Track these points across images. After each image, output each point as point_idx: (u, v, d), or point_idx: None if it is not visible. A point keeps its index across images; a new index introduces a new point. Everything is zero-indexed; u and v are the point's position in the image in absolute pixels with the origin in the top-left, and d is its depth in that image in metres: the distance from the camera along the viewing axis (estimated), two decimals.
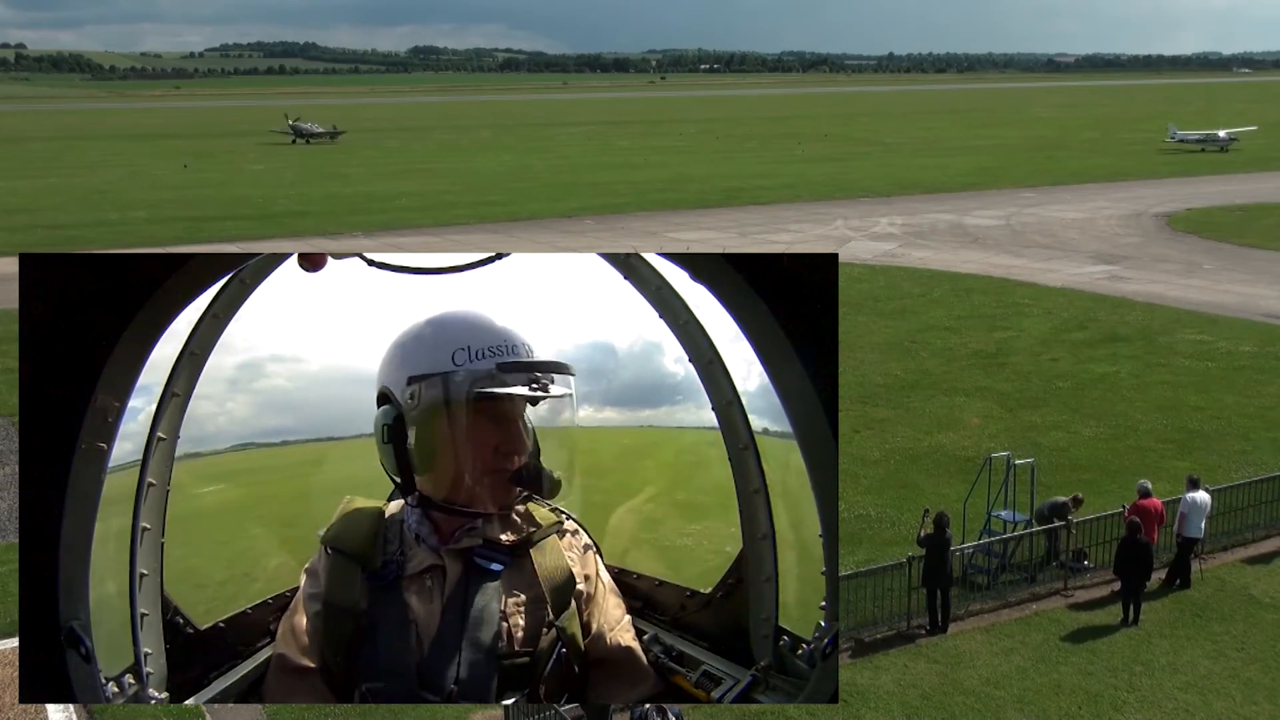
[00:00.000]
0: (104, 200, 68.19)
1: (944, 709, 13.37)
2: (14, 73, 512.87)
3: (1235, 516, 17.99)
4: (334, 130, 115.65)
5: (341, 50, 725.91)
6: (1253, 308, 34.94)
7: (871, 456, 21.93)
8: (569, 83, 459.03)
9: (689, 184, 74.01)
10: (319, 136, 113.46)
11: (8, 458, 22.32)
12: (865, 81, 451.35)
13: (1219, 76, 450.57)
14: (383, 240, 51.64)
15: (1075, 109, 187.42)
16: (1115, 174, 77.62)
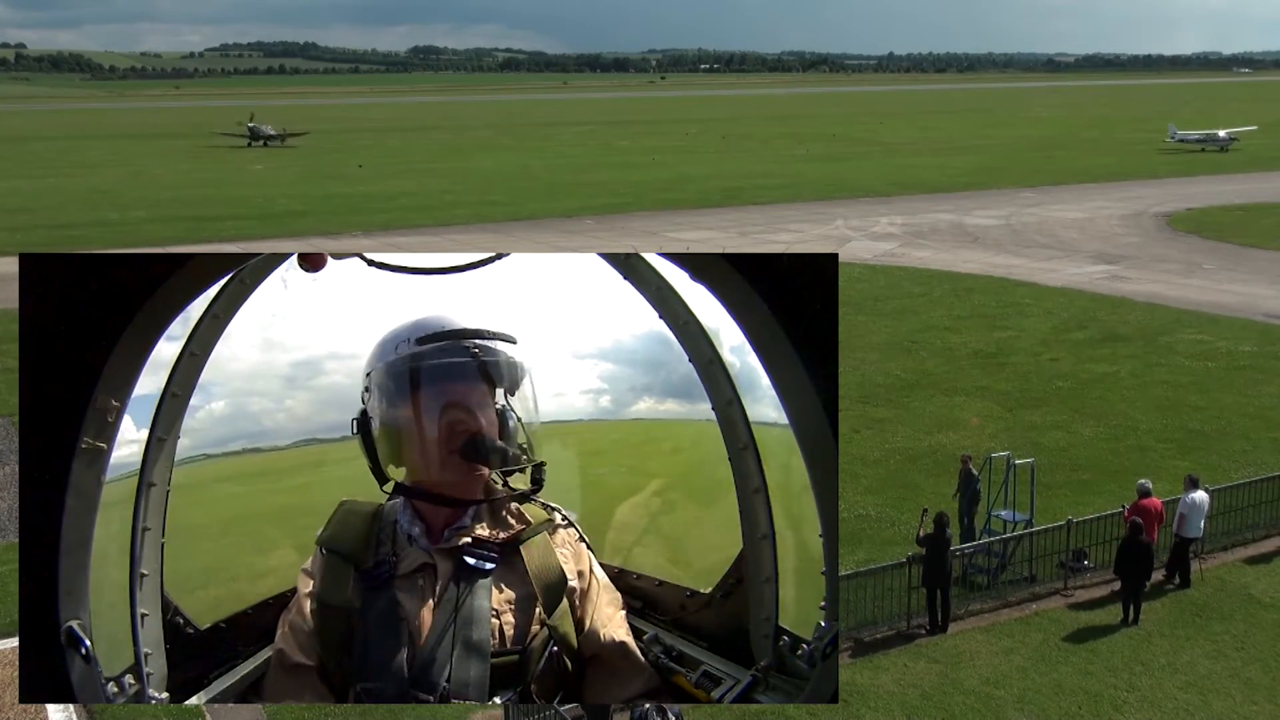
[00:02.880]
0: (104, 200, 68.19)
1: (944, 709, 13.37)
2: (14, 73, 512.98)
3: (1235, 516, 17.99)
4: (284, 133, 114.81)
5: (341, 50, 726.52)
6: (1253, 308, 34.93)
7: (871, 456, 21.93)
8: (569, 83, 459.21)
9: (689, 184, 74.01)
10: (274, 139, 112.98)
11: (8, 458, 22.32)
12: (865, 81, 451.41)
13: (1219, 76, 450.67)
14: (383, 240, 51.64)
15: (1075, 109, 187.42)
16: (1115, 174, 77.61)
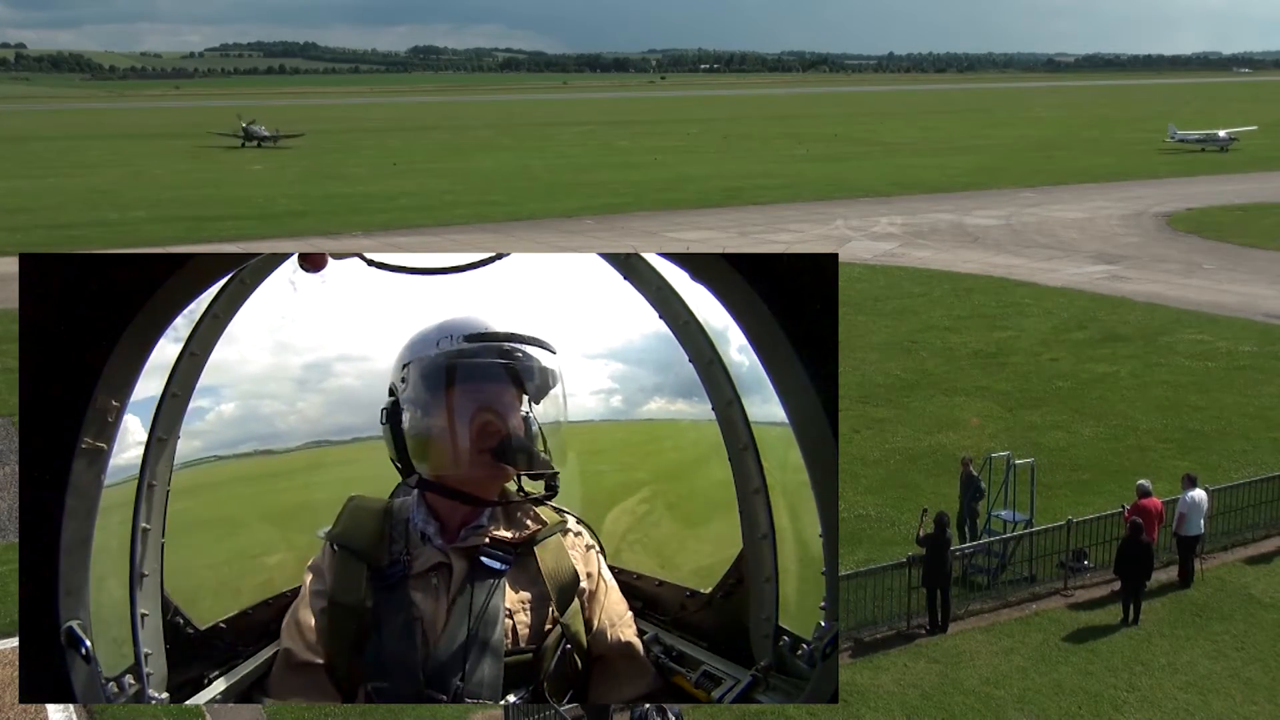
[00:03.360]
0: (104, 200, 68.17)
1: (944, 709, 13.37)
2: (14, 73, 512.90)
3: (1235, 516, 17.99)
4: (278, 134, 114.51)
5: (341, 50, 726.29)
6: (1253, 308, 34.94)
7: (871, 456, 21.93)
8: (569, 83, 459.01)
9: (689, 184, 74.00)
10: (268, 140, 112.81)
11: (8, 458, 22.31)
12: (865, 81, 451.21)
13: (1219, 76, 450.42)
14: (383, 240, 51.64)
15: (1075, 109, 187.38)
16: (1115, 174, 77.61)
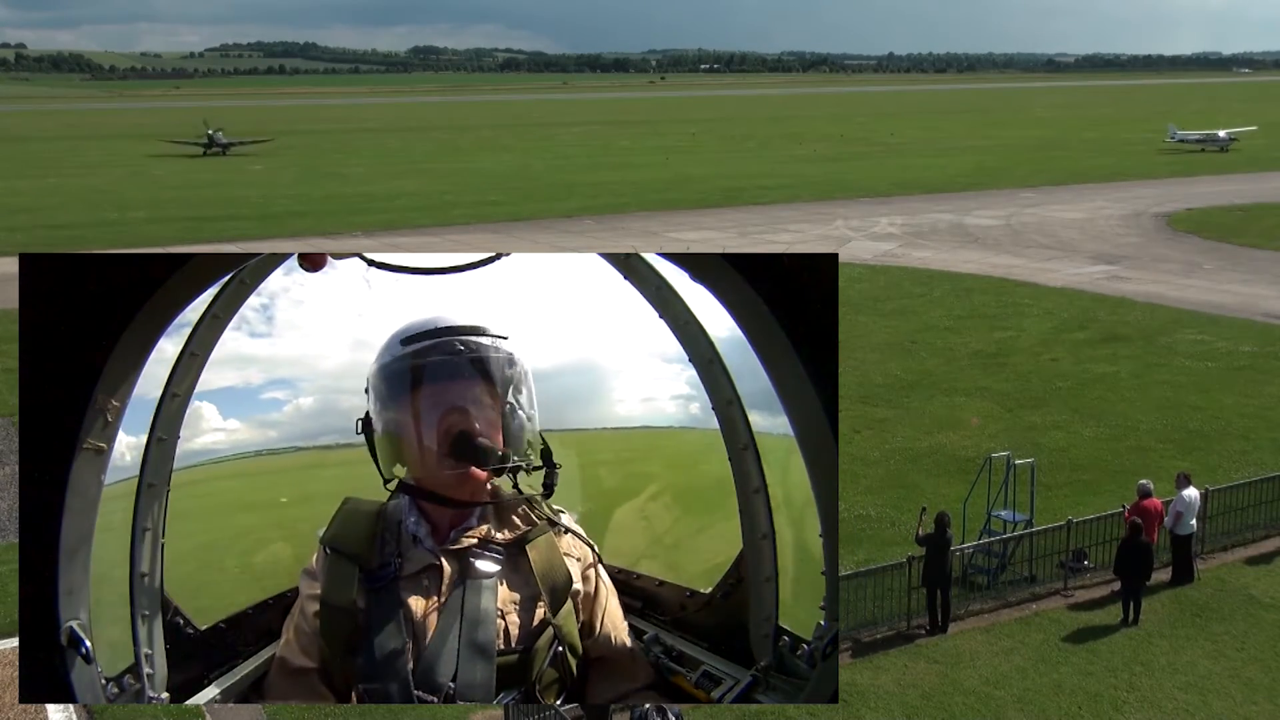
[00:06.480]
0: (104, 200, 68.17)
1: (944, 709, 13.37)
2: (14, 73, 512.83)
3: (1235, 516, 17.97)
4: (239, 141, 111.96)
5: (341, 50, 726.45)
6: (1253, 308, 34.92)
7: (871, 456, 21.92)
8: (569, 83, 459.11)
9: (689, 184, 73.99)
10: (233, 146, 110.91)
11: (8, 458, 22.30)
12: (865, 81, 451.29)
13: (1218, 76, 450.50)
14: (383, 240, 51.63)
15: (1075, 109, 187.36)
16: (1115, 174, 77.58)
